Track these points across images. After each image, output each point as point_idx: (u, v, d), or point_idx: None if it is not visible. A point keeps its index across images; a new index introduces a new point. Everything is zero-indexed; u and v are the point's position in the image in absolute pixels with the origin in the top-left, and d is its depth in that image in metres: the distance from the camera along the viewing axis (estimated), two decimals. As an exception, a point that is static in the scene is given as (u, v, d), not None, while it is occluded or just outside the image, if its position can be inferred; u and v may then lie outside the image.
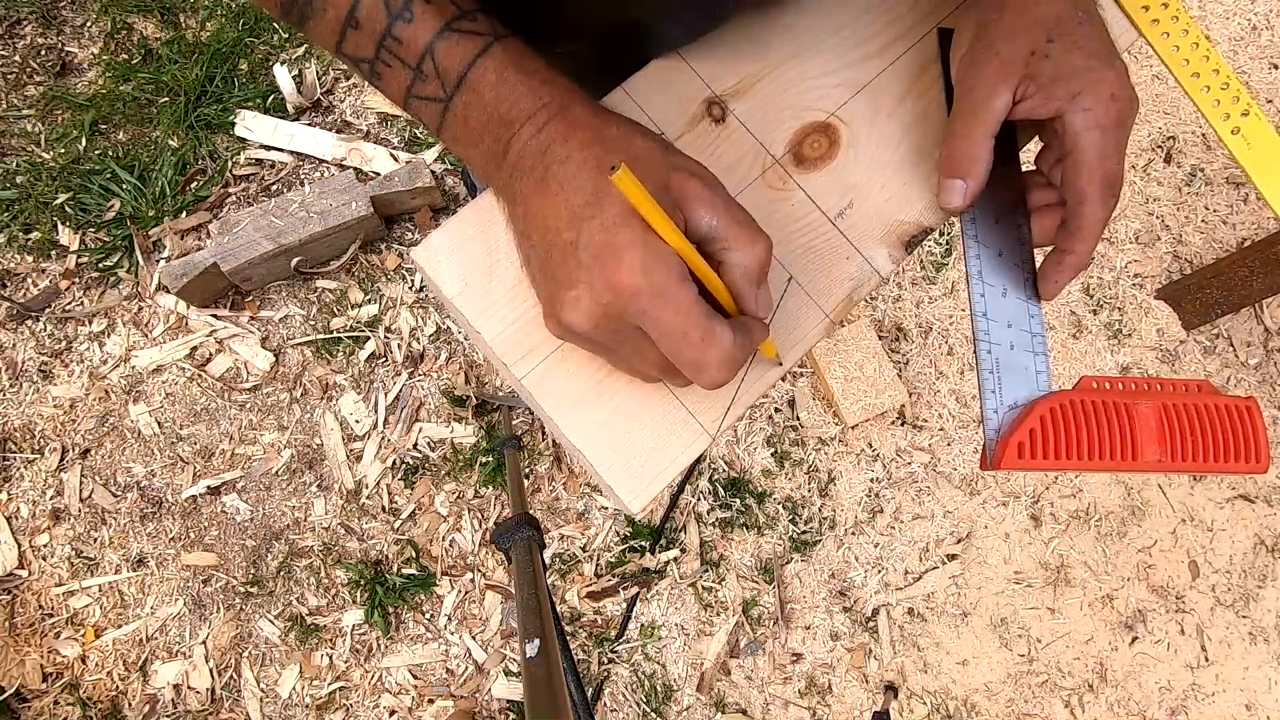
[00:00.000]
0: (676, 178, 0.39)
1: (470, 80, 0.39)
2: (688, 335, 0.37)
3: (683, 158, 0.41)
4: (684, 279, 0.37)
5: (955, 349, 1.65)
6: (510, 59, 0.40)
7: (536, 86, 0.39)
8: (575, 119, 0.39)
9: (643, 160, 0.39)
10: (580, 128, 0.39)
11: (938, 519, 1.57)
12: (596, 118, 0.40)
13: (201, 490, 1.48)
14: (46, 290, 1.58)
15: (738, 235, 0.39)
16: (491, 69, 0.39)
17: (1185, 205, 1.78)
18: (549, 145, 0.39)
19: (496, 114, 0.40)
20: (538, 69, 0.40)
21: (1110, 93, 0.44)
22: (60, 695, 1.39)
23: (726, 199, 0.40)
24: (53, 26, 1.76)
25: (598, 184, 0.37)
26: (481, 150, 0.41)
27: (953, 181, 0.47)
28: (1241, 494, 1.62)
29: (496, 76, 0.39)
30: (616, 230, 0.37)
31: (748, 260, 0.40)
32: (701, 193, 0.39)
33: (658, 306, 0.37)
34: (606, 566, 1.49)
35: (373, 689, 1.42)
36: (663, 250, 0.37)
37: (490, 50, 0.39)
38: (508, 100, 0.39)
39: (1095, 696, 1.51)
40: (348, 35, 0.40)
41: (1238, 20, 1.92)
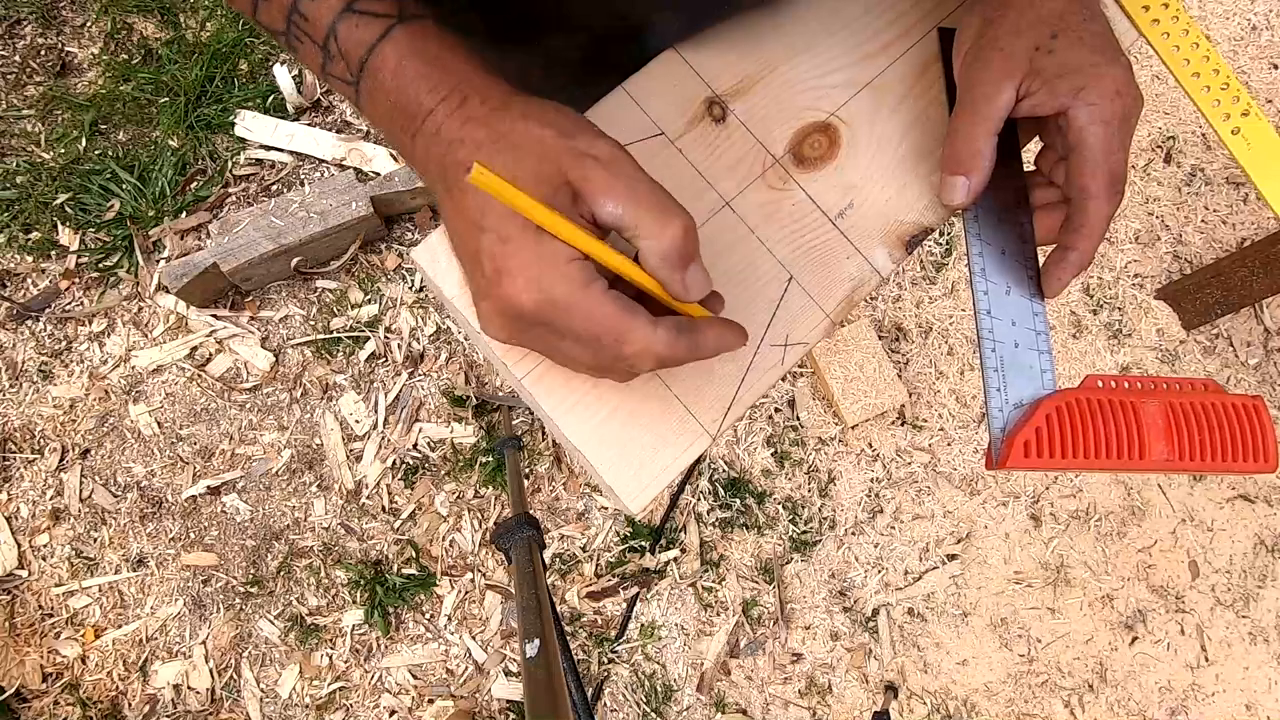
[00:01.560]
0: (575, 166, 0.36)
1: (371, 67, 0.38)
2: (600, 339, 0.36)
3: (587, 139, 0.37)
4: (587, 282, 0.36)
5: (955, 349, 1.65)
6: (412, 45, 0.38)
7: (436, 77, 0.38)
8: (471, 113, 0.37)
9: (534, 153, 0.36)
10: (476, 125, 0.37)
11: (938, 519, 1.57)
12: (493, 111, 0.37)
13: (201, 490, 1.48)
14: (46, 290, 1.58)
15: (646, 220, 0.36)
16: (391, 56, 0.38)
17: (1185, 205, 1.78)
18: (448, 146, 0.37)
19: (399, 105, 0.38)
20: (440, 55, 0.38)
21: (1115, 89, 0.44)
22: (60, 695, 1.39)
23: (630, 182, 0.37)
24: (53, 26, 1.75)
25: None
26: (396, 140, 0.40)
27: (955, 178, 0.47)
28: (1241, 494, 1.62)
29: (396, 64, 0.38)
30: (508, 242, 0.35)
31: (663, 245, 0.37)
32: (602, 179, 0.36)
33: (563, 317, 0.35)
34: (606, 566, 1.49)
35: (373, 689, 1.42)
36: (557, 256, 0.35)
37: (391, 35, 0.38)
38: (408, 91, 0.38)
39: (1095, 696, 1.51)
40: (260, 5, 0.39)
41: (1238, 20, 1.92)
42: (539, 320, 0.36)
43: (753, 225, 0.50)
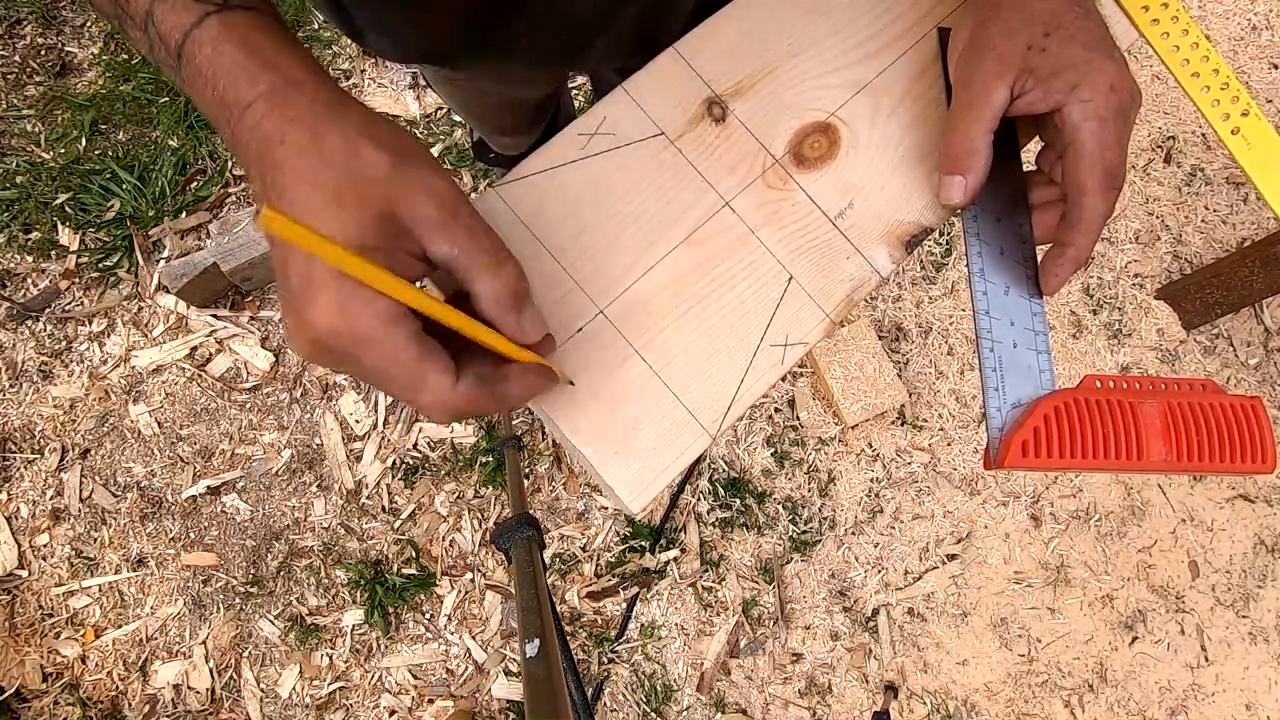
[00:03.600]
0: (406, 200, 0.35)
1: (187, 53, 0.36)
2: (396, 381, 0.35)
3: (419, 171, 0.36)
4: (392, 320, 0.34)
5: (955, 349, 1.65)
6: (231, 33, 0.36)
7: (255, 70, 0.35)
8: (293, 115, 0.35)
9: (362, 175, 0.34)
10: (299, 128, 0.34)
11: (938, 519, 1.57)
12: (318, 119, 0.35)
13: (201, 490, 1.48)
14: (46, 290, 1.58)
15: (478, 262, 0.36)
16: (207, 42, 0.36)
17: (1185, 205, 1.78)
18: (266, 144, 0.35)
19: (216, 94, 0.36)
20: (262, 46, 0.36)
21: (1110, 84, 0.44)
22: (60, 695, 1.39)
23: (468, 223, 0.36)
24: (53, 26, 1.75)
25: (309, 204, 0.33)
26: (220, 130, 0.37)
27: (953, 178, 0.47)
28: (1241, 494, 1.62)
29: (212, 50, 0.36)
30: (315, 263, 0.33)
31: (494, 288, 0.36)
32: (435, 216, 0.35)
33: (360, 349, 0.34)
34: (606, 566, 1.49)
35: (373, 689, 1.42)
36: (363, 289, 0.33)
37: (206, 22, 0.36)
38: (224, 80, 0.35)
39: (1095, 696, 1.51)
40: None
41: (1238, 20, 1.92)
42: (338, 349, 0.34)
43: (753, 225, 0.50)
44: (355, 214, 0.34)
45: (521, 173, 0.48)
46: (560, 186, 0.48)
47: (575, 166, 0.49)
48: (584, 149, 0.49)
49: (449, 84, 0.92)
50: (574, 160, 0.49)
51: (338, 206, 0.33)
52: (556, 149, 0.49)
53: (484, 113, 1.08)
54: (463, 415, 0.37)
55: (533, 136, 1.24)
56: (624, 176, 0.49)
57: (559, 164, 0.49)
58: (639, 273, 0.48)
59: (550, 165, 0.49)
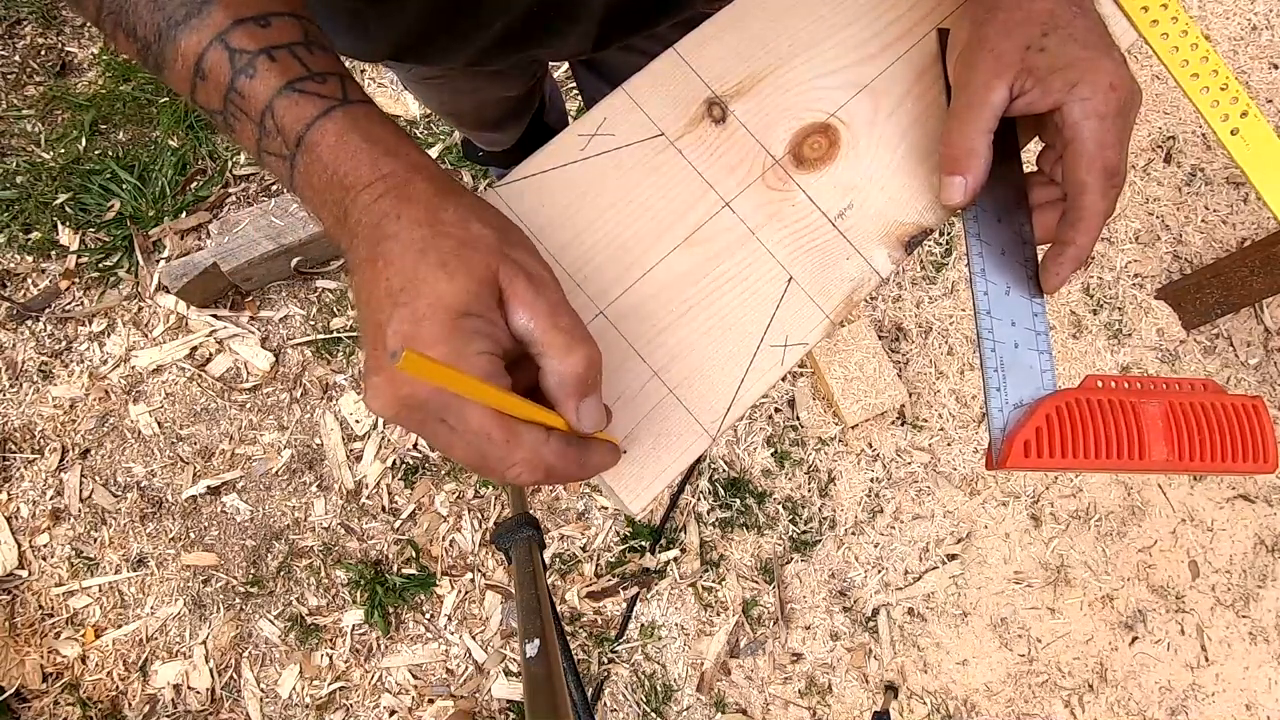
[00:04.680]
0: (506, 270, 0.37)
1: (309, 141, 0.38)
2: (491, 436, 0.36)
3: (521, 252, 0.39)
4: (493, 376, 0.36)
5: (955, 349, 1.65)
6: (354, 124, 0.39)
7: (378, 156, 0.38)
8: (413, 194, 0.38)
9: (473, 247, 0.37)
10: (415, 205, 0.37)
11: (938, 519, 1.57)
12: (435, 196, 0.38)
13: (201, 490, 1.48)
14: (46, 290, 1.58)
15: (553, 342, 0.37)
16: (331, 131, 0.38)
17: (1185, 205, 1.78)
18: (382, 218, 0.37)
19: (336, 177, 0.38)
20: (383, 138, 0.39)
21: (1109, 82, 0.44)
22: (60, 695, 1.39)
23: (553, 303, 0.38)
24: (53, 26, 1.75)
25: (417, 269, 0.36)
26: (327, 213, 0.40)
27: (953, 178, 0.47)
28: (1241, 494, 1.62)
29: (336, 139, 0.38)
30: (423, 323, 0.35)
31: (561, 369, 0.37)
32: (525, 293, 0.37)
33: (460, 404, 0.35)
34: (606, 566, 1.49)
35: (373, 689, 1.42)
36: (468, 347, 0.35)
37: (331, 113, 0.38)
38: (346, 164, 0.38)
39: (1095, 696, 1.51)
40: (198, 86, 0.39)
41: (1238, 20, 1.92)
42: (435, 406, 0.35)
43: (753, 226, 0.50)
44: (462, 280, 0.36)
45: (522, 173, 0.49)
46: (560, 187, 0.48)
47: (575, 167, 0.49)
48: (584, 150, 0.49)
49: (425, 85, 0.92)
50: (574, 161, 0.49)
51: (446, 273, 0.36)
52: (557, 150, 0.49)
53: (462, 111, 1.08)
54: (551, 474, 0.38)
55: (517, 132, 1.24)
56: (624, 177, 0.49)
57: (559, 165, 0.49)
58: (639, 273, 0.48)
59: (551, 166, 0.49)
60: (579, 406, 0.38)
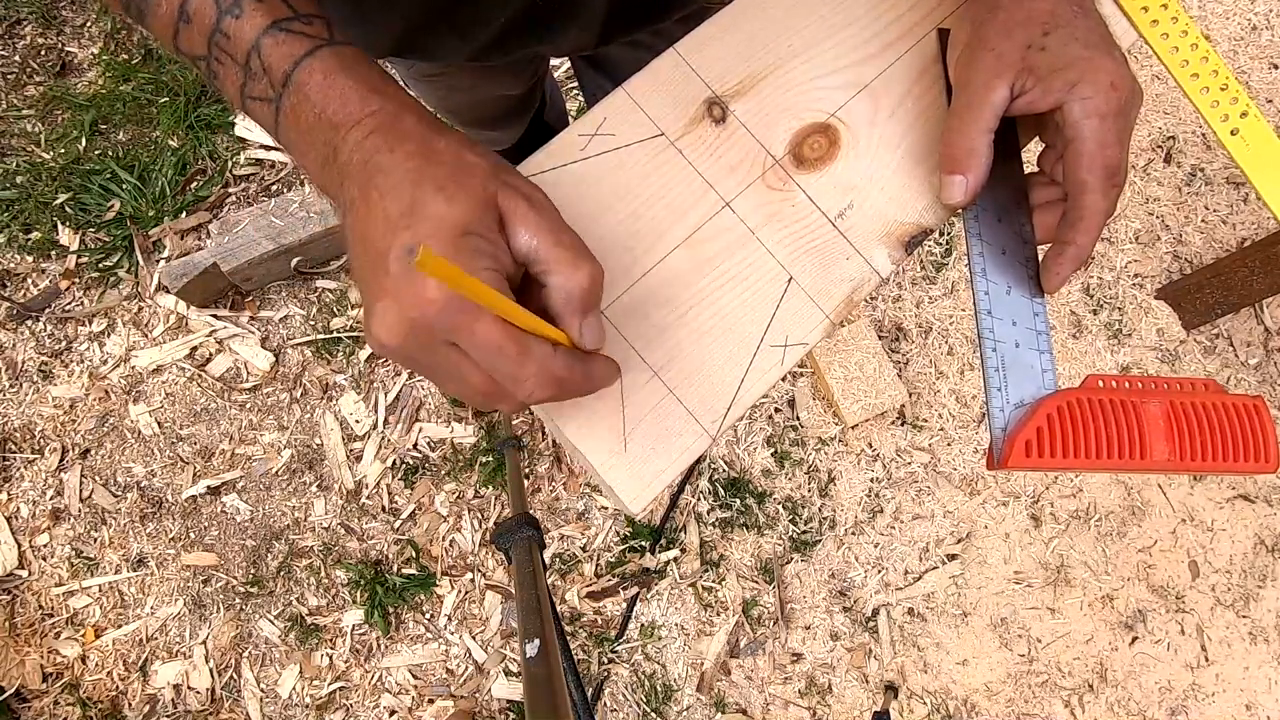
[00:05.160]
0: (504, 194, 0.38)
1: (296, 80, 0.38)
2: (503, 349, 0.35)
3: (515, 176, 0.40)
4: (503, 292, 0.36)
5: (955, 349, 1.65)
6: (340, 63, 0.39)
7: (365, 93, 0.38)
8: (403, 130, 0.38)
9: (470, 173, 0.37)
10: (407, 139, 0.38)
11: (938, 519, 1.57)
12: (426, 130, 0.38)
13: (201, 490, 1.48)
14: (46, 290, 1.58)
15: (559, 258, 0.38)
16: (318, 70, 0.38)
17: (1185, 205, 1.78)
18: (374, 153, 0.37)
19: (324, 116, 0.39)
20: (369, 76, 0.39)
21: (1110, 81, 0.44)
22: (60, 695, 1.39)
23: (554, 222, 0.39)
24: (53, 26, 1.75)
25: (416, 195, 0.36)
26: (314, 155, 0.40)
27: (953, 177, 0.47)
28: (1241, 494, 1.62)
29: (323, 78, 0.38)
30: (427, 240, 0.35)
31: (568, 285, 0.38)
32: (527, 213, 0.38)
33: (470, 319, 0.35)
34: (606, 566, 1.49)
35: (373, 689, 1.42)
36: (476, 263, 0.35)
37: (317, 52, 0.39)
38: (335, 103, 0.38)
39: (1095, 696, 1.51)
40: (181, 31, 0.39)
41: (1238, 20, 1.92)
42: (442, 322, 0.35)
43: (753, 226, 0.50)
44: (461, 202, 0.36)
45: (523, 173, 0.48)
46: (561, 187, 0.48)
47: (575, 167, 0.49)
48: (584, 150, 0.49)
49: (426, 83, 0.92)
50: (574, 161, 0.49)
51: (445, 196, 0.36)
52: (557, 149, 0.49)
53: (463, 109, 1.08)
54: (560, 388, 0.38)
55: (518, 131, 1.24)
56: (624, 177, 0.49)
57: (560, 164, 0.49)
58: (639, 273, 0.48)
59: (551, 165, 0.49)
60: (583, 323, 0.39)
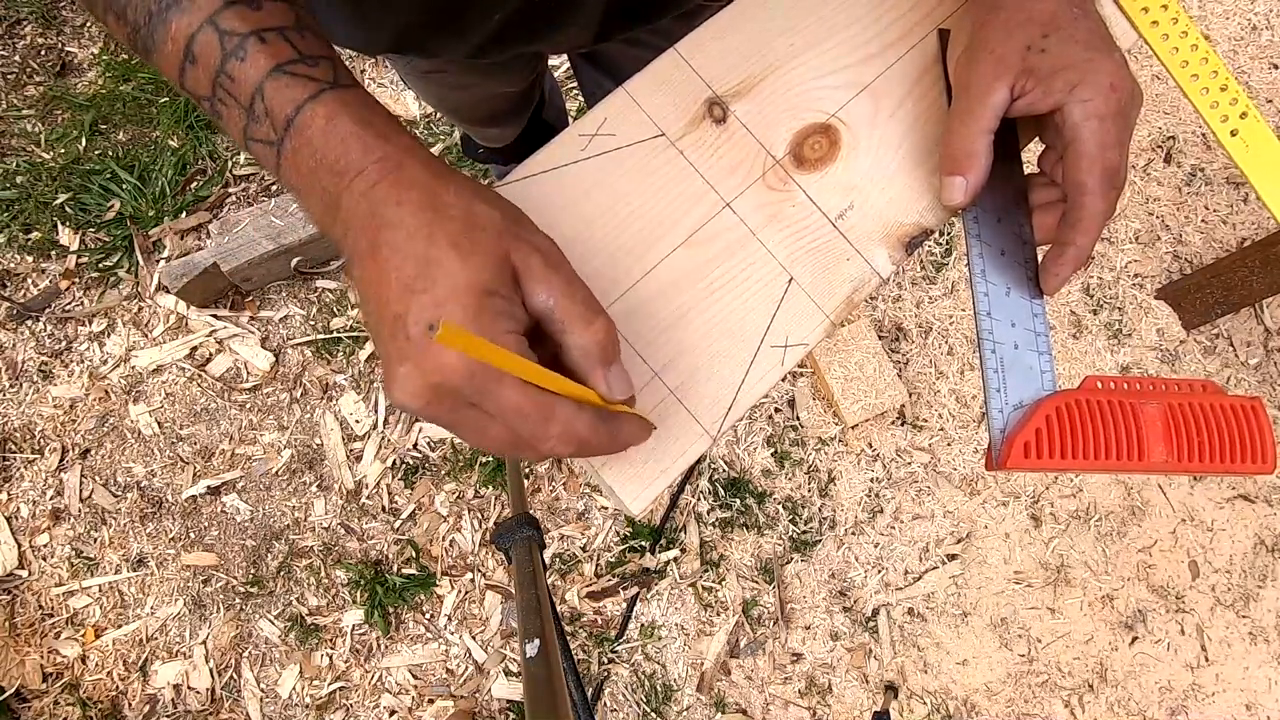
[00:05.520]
0: (518, 250, 0.37)
1: (298, 124, 0.38)
2: (525, 412, 0.35)
3: (527, 230, 0.39)
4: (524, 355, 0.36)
5: (955, 349, 1.65)
6: (344, 107, 0.38)
7: (370, 140, 0.38)
8: (409, 179, 0.37)
9: (483, 229, 0.37)
10: (414, 189, 0.37)
11: (938, 519, 1.57)
12: (433, 180, 0.38)
13: (201, 490, 1.48)
14: (46, 290, 1.58)
15: (573, 315, 0.37)
16: (321, 114, 0.38)
17: (1185, 205, 1.78)
18: (380, 205, 0.36)
19: (326, 162, 0.38)
20: (374, 121, 0.39)
21: (1109, 83, 0.44)
22: (60, 695, 1.39)
23: (567, 278, 0.38)
24: (53, 26, 1.75)
25: (429, 254, 0.35)
26: (316, 201, 0.39)
27: (953, 179, 0.47)
28: (1241, 494, 1.62)
29: (326, 123, 0.38)
30: (445, 307, 0.34)
31: (584, 342, 0.38)
32: (540, 270, 0.37)
33: (493, 384, 0.35)
34: (606, 566, 1.49)
35: (373, 689, 1.42)
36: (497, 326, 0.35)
37: (321, 96, 0.38)
38: (337, 149, 0.38)
39: (1095, 696, 1.51)
40: (186, 70, 0.39)
41: (1238, 20, 1.92)
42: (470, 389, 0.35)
43: (753, 226, 0.50)
44: (477, 262, 0.35)
45: (523, 173, 0.49)
46: (561, 187, 0.49)
47: (576, 167, 0.49)
48: (585, 150, 0.49)
49: (425, 79, 0.92)
50: (575, 161, 0.49)
51: (459, 254, 0.35)
52: (557, 149, 0.49)
53: (461, 106, 1.08)
54: (585, 447, 0.37)
55: (517, 128, 1.24)
56: (624, 177, 0.49)
57: (559, 165, 0.49)
58: (640, 274, 0.48)
59: (551, 166, 0.49)
60: (607, 375, 0.39)
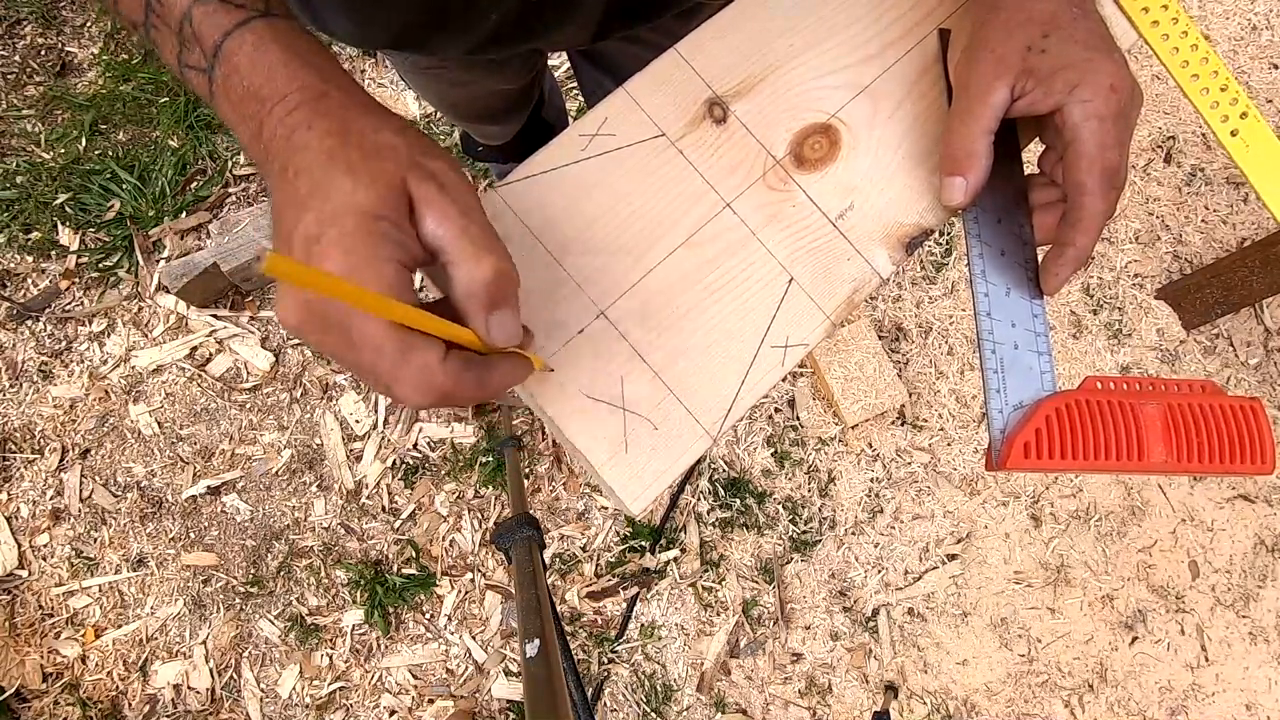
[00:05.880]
0: (415, 178, 0.36)
1: (226, 51, 0.38)
2: (380, 348, 0.34)
3: (434, 160, 0.38)
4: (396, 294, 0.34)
5: (955, 349, 1.65)
6: (273, 35, 0.38)
7: (296, 68, 0.38)
8: (326, 108, 0.37)
9: (384, 156, 0.36)
10: (327, 117, 0.37)
11: (938, 519, 1.57)
12: (350, 109, 0.37)
13: (201, 490, 1.48)
14: (46, 290, 1.58)
15: (460, 249, 0.36)
16: (249, 42, 0.38)
17: (1185, 205, 1.78)
18: (294, 130, 0.37)
19: (252, 89, 0.38)
20: (301, 51, 0.38)
21: (1109, 83, 0.44)
22: (60, 695, 1.39)
23: (464, 210, 0.37)
24: (53, 26, 1.75)
25: (325, 175, 0.35)
26: (245, 128, 0.39)
27: (953, 179, 0.47)
28: (1241, 494, 1.62)
29: (253, 50, 0.38)
30: (328, 227, 0.34)
31: (467, 279, 0.36)
32: (437, 200, 0.36)
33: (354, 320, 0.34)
34: (606, 566, 1.49)
35: (373, 689, 1.42)
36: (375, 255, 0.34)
37: (250, 24, 0.38)
38: (262, 76, 0.38)
39: (1095, 696, 1.51)
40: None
41: (1238, 20, 1.92)
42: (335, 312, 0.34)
43: (753, 226, 0.50)
44: (368, 186, 0.35)
45: (523, 173, 0.49)
46: (561, 187, 0.49)
47: (576, 167, 0.49)
48: (585, 150, 0.49)
49: (423, 75, 0.92)
50: (575, 161, 0.49)
51: (352, 178, 0.35)
52: (558, 150, 0.49)
53: (460, 102, 1.07)
54: (445, 397, 0.36)
55: (516, 125, 1.23)
56: (625, 178, 0.49)
57: (560, 165, 0.49)
58: (640, 274, 0.48)
59: (551, 166, 0.49)
60: (489, 319, 0.37)
